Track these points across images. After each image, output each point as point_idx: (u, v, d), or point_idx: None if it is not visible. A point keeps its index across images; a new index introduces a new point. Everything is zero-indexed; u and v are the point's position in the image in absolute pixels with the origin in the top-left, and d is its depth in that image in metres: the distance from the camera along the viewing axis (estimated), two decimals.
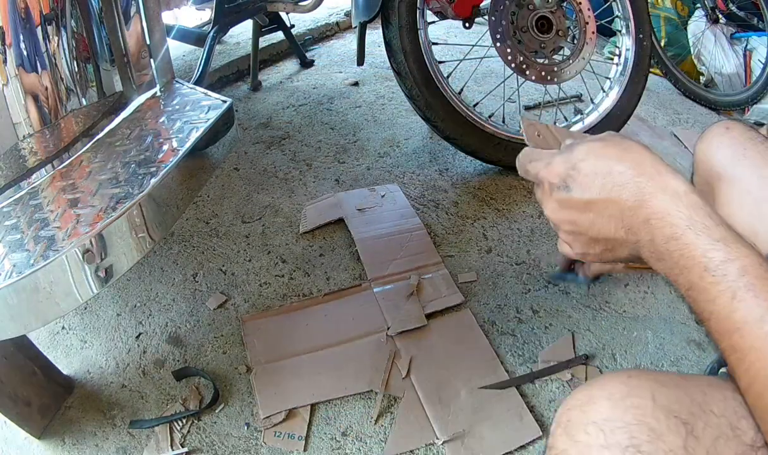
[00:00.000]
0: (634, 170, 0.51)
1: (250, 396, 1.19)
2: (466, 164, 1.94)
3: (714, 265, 0.46)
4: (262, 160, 1.99)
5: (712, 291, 0.46)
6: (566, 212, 0.56)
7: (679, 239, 0.48)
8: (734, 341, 0.45)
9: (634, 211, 0.51)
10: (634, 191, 0.51)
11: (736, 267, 0.45)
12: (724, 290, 0.45)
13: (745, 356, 0.44)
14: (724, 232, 0.47)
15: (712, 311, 0.46)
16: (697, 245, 0.47)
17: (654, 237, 0.50)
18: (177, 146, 0.95)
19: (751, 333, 0.43)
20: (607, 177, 0.52)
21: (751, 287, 0.44)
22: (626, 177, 0.51)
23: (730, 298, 0.45)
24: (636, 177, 0.51)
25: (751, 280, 0.44)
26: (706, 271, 0.46)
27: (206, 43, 1.88)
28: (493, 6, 1.63)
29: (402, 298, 1.39)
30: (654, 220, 0.50)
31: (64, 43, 0.94)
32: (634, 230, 0.52)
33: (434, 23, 1.83)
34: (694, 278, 0.47)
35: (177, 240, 1.62)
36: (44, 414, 1.14)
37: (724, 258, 0.45)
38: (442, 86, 1.71)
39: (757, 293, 0.44)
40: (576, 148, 0.56)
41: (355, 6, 1.73)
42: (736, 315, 0.44)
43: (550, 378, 1.22)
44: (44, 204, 0.85)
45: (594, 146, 0.55)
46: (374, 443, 1.12)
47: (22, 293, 0.74)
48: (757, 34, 2.54)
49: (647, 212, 0.50)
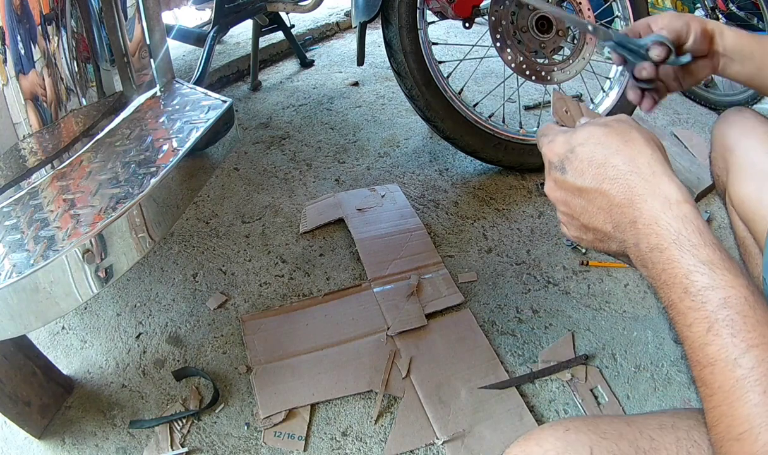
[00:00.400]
0: (628, 166, 0.49)
1: (250, 396, 1.19)
2: (466, 164, 1.94)
3: (695, 289, 0.42)
4: (262, 160, 1.99)
5: (689, 316, 0.43)
6: (561, 192, 0.55)
7: (663, 251, 0.45)
8: (704, 375, 0.42)
9: (621, 209, 0.49)
10: (624, 189, 0.49)
11: (718, 297, 0.41)
12: (701, 319, 0.42)
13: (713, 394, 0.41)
14: (711, 253, 0.43)
15: (687, 337, 0.43)
16: (681, 263, 0.44)
17: (639, 242, 0.47)
18: (177, 146, 0.95)
19: (722, 374, 0.40)
20: (600, 168, 0.50)
21: (730, 322, 0.40)
22: (619, 172, 0.49)
23: (706, 329, 0.41)
24: (628, 174, 0.49)
25: (732, 314, 0.41)
26: (685, 293, 0.43)
27: (206, 43, 1.88)
28: (493, 6, 1.63)
29: (402, 298, 1.39)
30: (641, 224, 0.47)
31: (64, 43, 0.94)
32: (620, 228, 0.50)
33: (434, 23, 1.83)
34: (674, 298, 0.44)
35: (177, 240, 1.62)
36: (44, 414, 1.14)
37: (707, 284, 0.42)
38: (442, 86, 1.71)
39: (734, 331, 0.40)
40: (580, 130, 0.54)
41: (355, 6, 1.73)
42: (709, 349, 0.41)
43: (550, 378, 1.22)
44: (44, 204, 0.85)
45: (596, 132, 0.52)
46: (374, 443, 1.12)
47: (22, 293, 0.74)
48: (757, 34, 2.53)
49: (634, 213, 0.48)
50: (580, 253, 1.56)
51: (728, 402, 0.39)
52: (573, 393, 1.19)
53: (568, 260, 1.54)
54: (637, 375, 1.23)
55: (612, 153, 0.50)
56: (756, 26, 2.61)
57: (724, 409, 0.40)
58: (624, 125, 0.53)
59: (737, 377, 0.39)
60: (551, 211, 1.73)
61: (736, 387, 0.39)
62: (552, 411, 1.16)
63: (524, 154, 1.83)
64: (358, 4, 1.72)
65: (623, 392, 1.20)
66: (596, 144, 0.52)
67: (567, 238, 0.59)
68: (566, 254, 1.57)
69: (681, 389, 1.20)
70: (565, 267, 1.52)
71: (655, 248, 0.46)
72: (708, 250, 0.43)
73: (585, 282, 1.47)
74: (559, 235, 1.63)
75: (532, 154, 1.83)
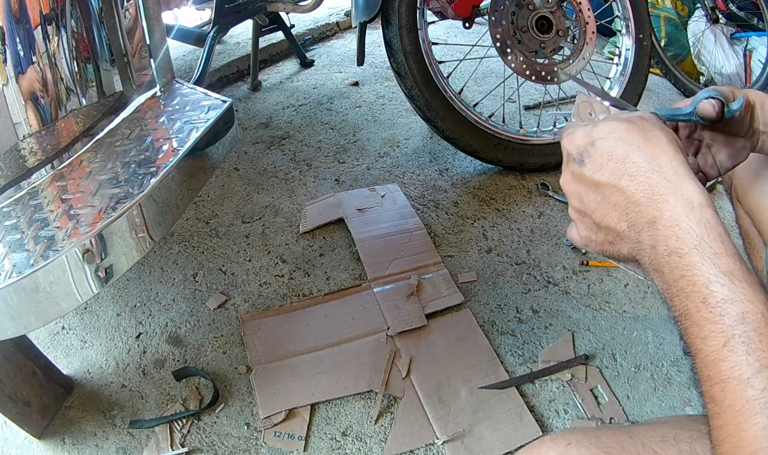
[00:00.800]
0: (649, 164, 0.47)
1: (250, 396, 1.19)
2: (466, 164, 1.94)
3: (714, 300, 0.41)
4: (262, 160, 1.99)
5: (705, 328, 0.41)
6: (577, 185, 0.53)
7: (683, 256, 0.43)
8: (714, 392, 0.40)
9: (639, 207, 0.47)
10: (645, 187, 0.47)
11: (737, 311, 0.40)
12: (718, 332, 0.41)
13: (721, 412, 0.40)
14: (733, 264, 0.42)
15: (701, 350, 0.42)
16: (702, 271, 0.42)
17: (656, 244, 0.46)
18: (177, 146, 0.95)
19: (733, 392, 0.39)
20: (620, 163, 0.49)
21: (746, 339, 0.39)
22: (640, 169, 0.47)
23: (722, 344, 0.40)
24: (650, 172, 0.47)
25: (749, 331, 0.39)
26: (704, 303, 0.42)
27: (206, 43, 1.88)
28: (493, 6, 1.63)
29: (402, 298, 1.39)
30: (660, 225, 0.45)
31: (64, 43, 0.94)
32: (636, 228, 0.48)
33: (434, 23, 1.83)
34: (691, 307, 0.43)
35: (177, 240, 1.62)
36: (44, 414, 1.14)
37: (727, 296, 0.41)
38: (442, 86, 1.71)
39: (750, 349, 0.39)
40: (601, 124, 0.52)
41: (355, 6, 1.73)
42: (722, 365, 0.40)
43: (550, 378, 1.22)
44: (44, 204, 0.85)
45: (618, 127, 0.51)
46: (374, 443, 1.12)
47: (22, 293, 0.74)
48: (757, 34, 2.53)
49: (654, 213, 0.46)
50: (580, 253, 1.56)
51: (737, 422, 0.39)
52: (573, 393, 1.19)
53: (568, 260, 1.54)
54: (637, 375, 1.23)
55: (633, 149, 0.49)
56: (756, 26, 2.60)
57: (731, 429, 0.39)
58: (647, 123, 0.51)
59: (748, 397, 0.38)
60: (551, 211, 1.73)
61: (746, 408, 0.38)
62: (552, 411, 1.16)
63: (524, 154, 1.83)
64: (358, 4, 1.72)
65: (623, 392, 1.20)
66: (617, 139, 0.50)
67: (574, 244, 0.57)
68: (566, 254, 1.57)
69: (681, 389, 1.20)
70: (565, 267, 1.52)
71: (674, 252, 0.44)
72: (729, 260, 0.42)
73: (585, 282, 1.47)
74: (560, 235, 1.63)
75: (532, 154, 1.84)
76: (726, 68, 2.55)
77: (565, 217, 1.70)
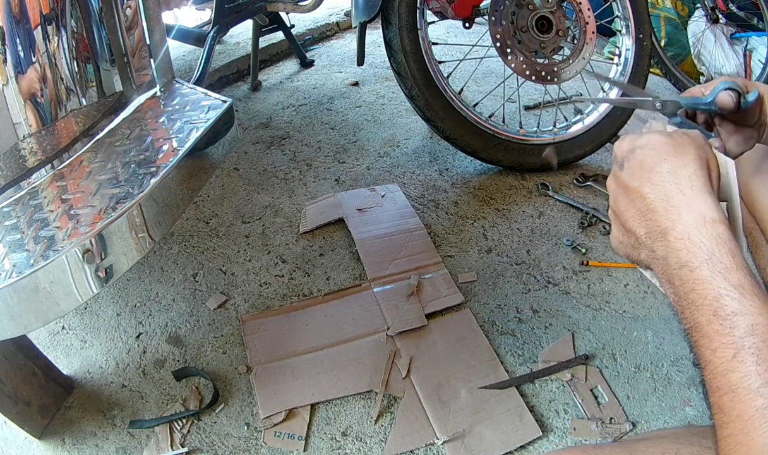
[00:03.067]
0: (670, 175, 0.50)
1: (250, 396, 1.19)
2: (466, 164, 1.94)
3: (725, 313, 0.42)
4: (262, 160, 1.99)
5: (715, 340, 0.42)
6: (614, 187, 0.57)
7: (693, 270, 0.45)
8: (723, 402, 0.41)
9: (655, 215, 0.50)
10: (661, 196, 0.49)
11: (747, 323, 0.41)
12: (728, 344, 0.41)
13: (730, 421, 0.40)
14: (742, 278, 0.43)
15: (710, 361, 0.43)
16: (713, 285, 0.43)
17: (668, 256, 0.47)
18: (177, 146, 0.95)
19: (742, 402, 0.40)
20: (647, 172, 0.52)
21: (756, 350, 0.40)
22: (661, 179, 0.50)
23: (732, 355, 0.41)
24: (669, 183, 0.49)
25: (758, 343, 0.40)
26: (715, 316, 0.43)
27: (206, 43, 1.88)
28: (493, 6, 1.63)
29: (402, 298, 1.39)
30: (671, 237, 0.47)
31: (64, 43, 0.94)
32: (651, 237, 0.50)
33: (434, 23, 1.83)
34: (701, 320, 0.44)
35: (177, 240, 1.62)
36: (44, 414, 1.14)
37: (737, 309, 0.42)
38: (442, 86, 1.71)
39: (759, 360, 0.40)
40: (646, 134, 0.55)
41: (355, 6, 1.73)
42: (732, 376, 0.41)
43: (550, 378, 1.22)
44: (44, 204, 0.85)
45: (657, 139, 0.54)
46: (374, 443, 1.12)
47: (22, 293, 0.74)
48: (757, 34, 2.54)
49: (666, 224, 0.48)
50: (580, 253, 1.56)
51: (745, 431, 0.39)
52: (573, 393, 1.19)
53: (568, 260, 1.54)
54: (637, 375, 1.23)
55: (661, 160, 0.51)
56: (756, 26, 2.61)
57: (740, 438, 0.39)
58: (686, 139, 0.53)
59: (757, 407, 0.39)
60: (551, 211, 1.73)
61: (755, 417, 0.39)
62: (552, 411, 1.16)
63: (524, 154, 1.83)
64: (358, 4, 1.72)
65: (623, 392, 1.20)
66: (652, 149, 0.53)
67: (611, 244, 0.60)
68: (566, 254, 1.57)
69: (681, 389, 1.20)
70: (565, 267, 1.52)
71: (685, 265, 0.45)
72: (740, 274, 0.43)
73: (585, 282, 1.47)
74: (560, 235, 1.63)
75: (532, 154, 1.84)
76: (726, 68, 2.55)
77: (565, 217, 1.70)
